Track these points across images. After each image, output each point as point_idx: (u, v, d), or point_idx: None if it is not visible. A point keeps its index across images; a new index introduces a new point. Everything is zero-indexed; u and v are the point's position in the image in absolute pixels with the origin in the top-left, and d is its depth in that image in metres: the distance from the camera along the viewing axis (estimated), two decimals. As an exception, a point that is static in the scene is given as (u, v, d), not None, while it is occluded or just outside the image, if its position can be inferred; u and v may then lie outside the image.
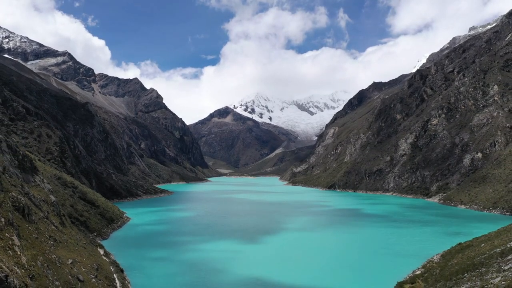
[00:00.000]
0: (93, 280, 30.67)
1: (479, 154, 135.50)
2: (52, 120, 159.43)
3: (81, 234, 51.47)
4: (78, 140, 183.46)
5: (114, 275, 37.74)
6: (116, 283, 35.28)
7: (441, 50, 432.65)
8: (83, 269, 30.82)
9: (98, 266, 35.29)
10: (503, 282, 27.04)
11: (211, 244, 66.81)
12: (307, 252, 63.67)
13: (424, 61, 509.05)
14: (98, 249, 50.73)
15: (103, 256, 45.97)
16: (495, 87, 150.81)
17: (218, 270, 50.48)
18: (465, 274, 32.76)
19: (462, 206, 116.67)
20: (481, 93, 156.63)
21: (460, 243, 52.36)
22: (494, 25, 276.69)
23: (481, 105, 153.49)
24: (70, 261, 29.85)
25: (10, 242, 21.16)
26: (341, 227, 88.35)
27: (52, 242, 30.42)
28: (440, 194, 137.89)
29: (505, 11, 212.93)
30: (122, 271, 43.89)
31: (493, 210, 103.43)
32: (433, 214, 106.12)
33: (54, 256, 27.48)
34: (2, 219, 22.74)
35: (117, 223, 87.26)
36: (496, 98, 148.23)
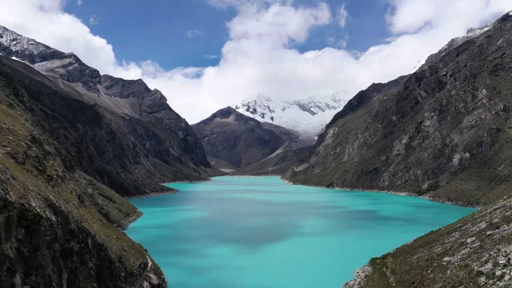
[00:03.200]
0: (132, 251, 39.91)
1: (467, 154, 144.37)
2: (66, 122, 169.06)
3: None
4: (87, 140, 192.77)
5: (144, 252, 47.02)
6: (147, 257, 44.59)
7: (440, 52, 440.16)
8: (124, 244, 39.99)
9: (132, 244, 44.56)
10: (440, 250, 36.25)
11: (223, 249, 65.03)
12: (330, 262, 59.76)
13: (423, 62, 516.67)
14: (123, 235, 60.04)
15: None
16: (484, 90, 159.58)
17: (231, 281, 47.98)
18: (420, 249, 41.96)
19: (449, 203, 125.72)
20: (470, 96, 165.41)
21: (432, 231, 61.34)
22: (488, 28, 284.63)
23: (471, 108, 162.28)
24: (115, 236, 38.98)
25: (86, 216, 30.19)
26: (374, 232, 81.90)
27: (101, 222, 39.58)
28: (430, 192, 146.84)
29: (506, 10, 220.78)
30: (146, 250, 53.18)
31: (476, 206, 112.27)
32: (449, 215, 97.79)
33: (106, 231, 36.64)
34: (76, 201, 31.92)
35: (132, 216, 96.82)
36: (484, 101, 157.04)
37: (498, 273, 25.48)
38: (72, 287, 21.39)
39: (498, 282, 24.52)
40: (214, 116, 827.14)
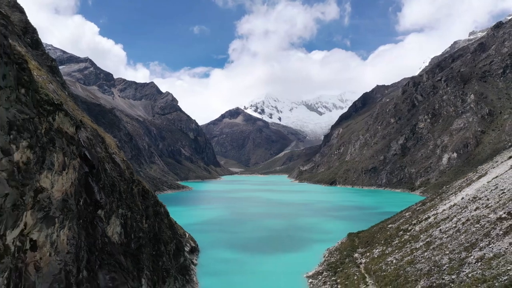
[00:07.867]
0: (176, 224, 57.08)
1: (455, 154, 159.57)
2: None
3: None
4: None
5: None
6: (187, 233, 61.86)
7: (442, 54, 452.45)
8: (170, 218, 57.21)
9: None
10: (389, 222, 52.76)
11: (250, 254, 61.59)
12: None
13: (427, 63, 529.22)
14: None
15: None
16: (472, 96, 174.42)
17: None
18: (381, 223, 58.44)
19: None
20: (460, 101, 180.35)
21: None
22: (484, 33, 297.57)
23: (460, 112, 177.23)
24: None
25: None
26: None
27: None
28: (421, 188, 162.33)
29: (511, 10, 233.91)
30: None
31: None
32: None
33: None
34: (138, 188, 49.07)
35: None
36: (472, 106, 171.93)
37: (410, 228, 42.00)
38: (160, 231, 38.11)
39: (407, 233, 41.01)
40: (223, 116, 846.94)
